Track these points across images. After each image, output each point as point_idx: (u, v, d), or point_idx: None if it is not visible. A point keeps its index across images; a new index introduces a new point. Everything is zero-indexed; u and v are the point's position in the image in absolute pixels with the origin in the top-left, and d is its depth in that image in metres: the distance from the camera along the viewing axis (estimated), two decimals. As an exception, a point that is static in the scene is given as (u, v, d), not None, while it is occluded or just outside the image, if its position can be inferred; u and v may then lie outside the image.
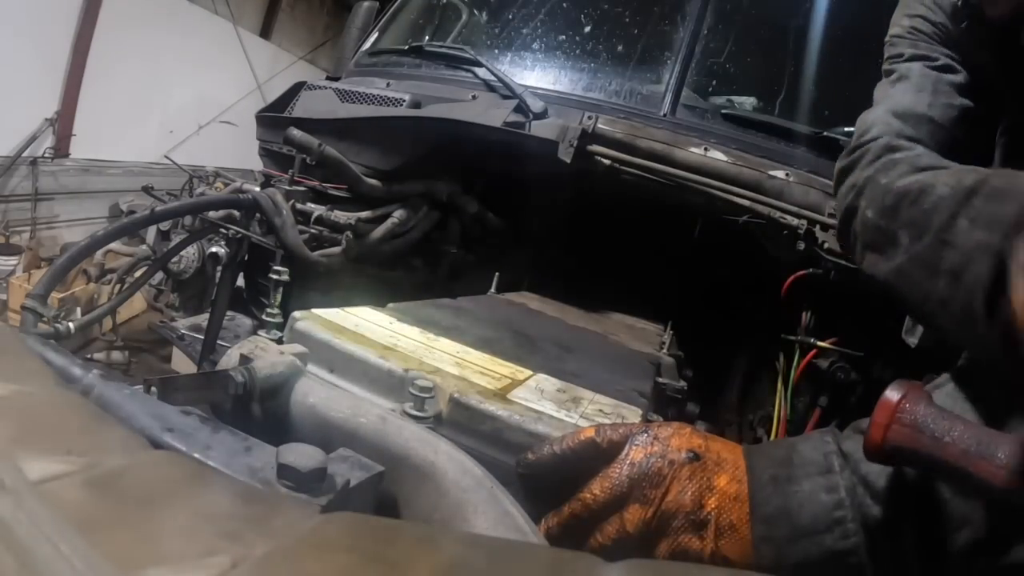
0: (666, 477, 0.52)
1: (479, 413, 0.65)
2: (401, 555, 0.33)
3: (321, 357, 0.73)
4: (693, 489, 0.52)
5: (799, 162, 1.49)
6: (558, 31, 1.89)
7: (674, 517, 0.52)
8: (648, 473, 0.53)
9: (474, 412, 0.65)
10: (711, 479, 0.52)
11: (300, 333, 0.76)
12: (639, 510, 0.52)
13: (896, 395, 0.48)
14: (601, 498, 0.54)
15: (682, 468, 0.52)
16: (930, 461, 0.45)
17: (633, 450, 0.54)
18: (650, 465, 0.53)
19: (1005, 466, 0.42)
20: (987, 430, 0.46)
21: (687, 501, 0.52)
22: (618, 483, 0.54)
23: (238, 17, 7.21)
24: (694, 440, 0.54)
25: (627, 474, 0.53)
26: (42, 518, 0.29)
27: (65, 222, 5.59)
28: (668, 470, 0.52)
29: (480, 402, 0.66)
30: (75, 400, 0.45)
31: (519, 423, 0.64)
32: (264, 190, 1.53)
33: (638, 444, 0.54)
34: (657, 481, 0.52)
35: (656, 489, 0.52)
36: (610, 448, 0.55)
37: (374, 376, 0.71)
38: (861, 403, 1.73)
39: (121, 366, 4.24)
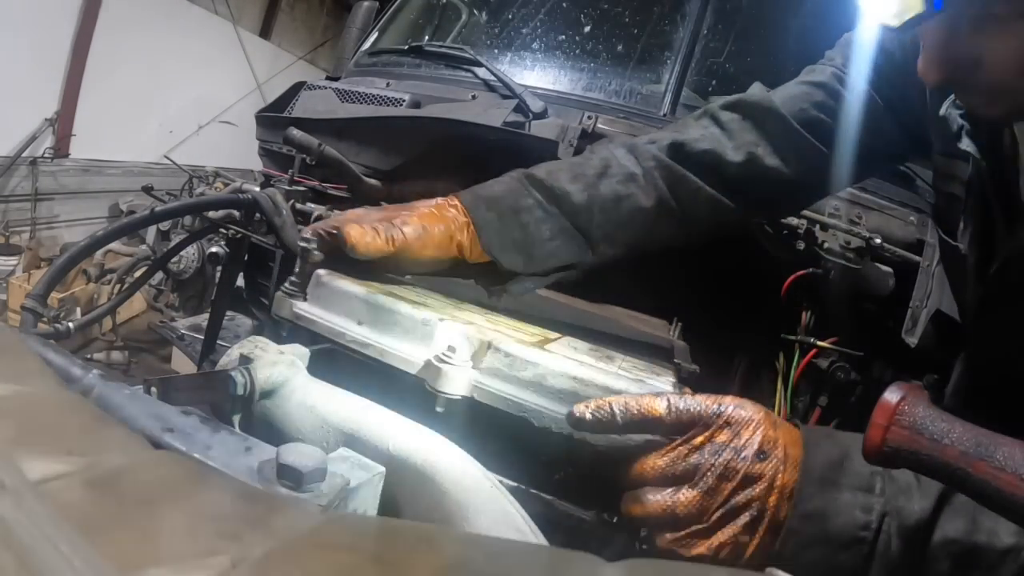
0: (736, 472, 0.52)
1: (519, 360, 0.63)
2: (401, 555, 0.33)
3: (349, 309, 0.71)
4: (761, 488, 0.52)
5: (799, 162, 1.49)
6: (558, 31, 1.89)
7: (737, 512, 0.52)
8: (715, 464, 0.52)
9: (515, 359, 0.64)
10: (775, 478, 0.52)
11: (326, 286, 0.75)
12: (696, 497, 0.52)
13: (895, 397, 0.48)
14: (659, 472, 0.54)
15: (753, 465, 0.52)
16: (929, 463, 0.45)
17: (705, 435, 0.53)
18: (720, 456, 0.52)
19: (1003, 467, 0.42)
20: (986, 432, 0.46)
21: (754, 496, 0.51)
22: (684, 467, 0.53)
23: (238, 17, 7.21)
24: (767, 433, 0.53)
25: (695, 461, 0.53)
26: (42, 518, 0.29)
27: (65, 222, 5.59)
28: (738, 464, 0.52)
29: (520, 349, 0.64)
30: (75, 400, 0.45)
31: (562, 368, 0.62)
32: (264, 190, 1.53)
33: (710, 428, 0.53)
34: (725, 475, 0.52)
35: (725, 482, 0.52)
36: (675, 424, 0.54)
37: (407, 326, 0.69)
38: (861, 403, 1.73)
39: (121, 366, 4.24)
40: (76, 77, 5.39)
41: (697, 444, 0.53)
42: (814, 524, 0.51)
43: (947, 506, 0.51)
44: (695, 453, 0.53)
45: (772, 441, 0.53)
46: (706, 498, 0.52)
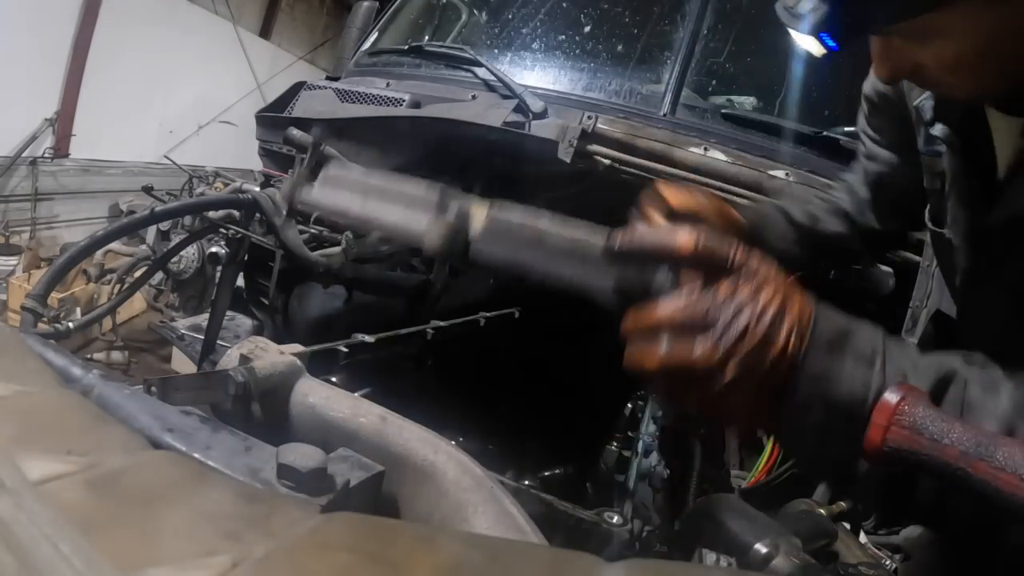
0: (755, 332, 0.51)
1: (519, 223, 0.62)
2: (401, 555, 0.33)
3: (353, 188, 0.71)
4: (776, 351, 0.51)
5: (799, 162, 1.49)
6: (558, 31, 1.89)
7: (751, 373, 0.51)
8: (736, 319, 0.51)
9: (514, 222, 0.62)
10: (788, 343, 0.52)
11: (334, 175, 0.75)
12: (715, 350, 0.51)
13: (895, 397, 0.48)
14: (678, 317, 0.52)
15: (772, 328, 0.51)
16: (929, 463, 0.46)
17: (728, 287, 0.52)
18: (742, 313, 0.51)
19: (1003, 467, 0.42)
20: (986, 432, 0.46)
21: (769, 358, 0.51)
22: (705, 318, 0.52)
23: (238, 17, 7.21)
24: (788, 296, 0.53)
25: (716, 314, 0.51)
26: (42, 518, 0.29)
27: (65, 222, 5.59)
28: (758, 325, 0.51)
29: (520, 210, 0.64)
30: (75, 400, 0.45)
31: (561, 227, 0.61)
32: (264, 190, 1.53)
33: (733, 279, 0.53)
34: (744, 333, 0.51)
35: (742, 341, 0.51)
36: (700, 260, 0.53)
37: (410, 198, 0.69)
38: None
39: (121, 366, 4.23)
40: (76, 77, 5.39)
41: (720, 296, 0.52)
42: (818, 386, 0.52)
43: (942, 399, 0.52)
44: (716, 304, 0.51)
45: (791, 305, 0.52)
46: (724, 353, 0.51)
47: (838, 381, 0.52)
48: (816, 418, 0.52)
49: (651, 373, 0.53)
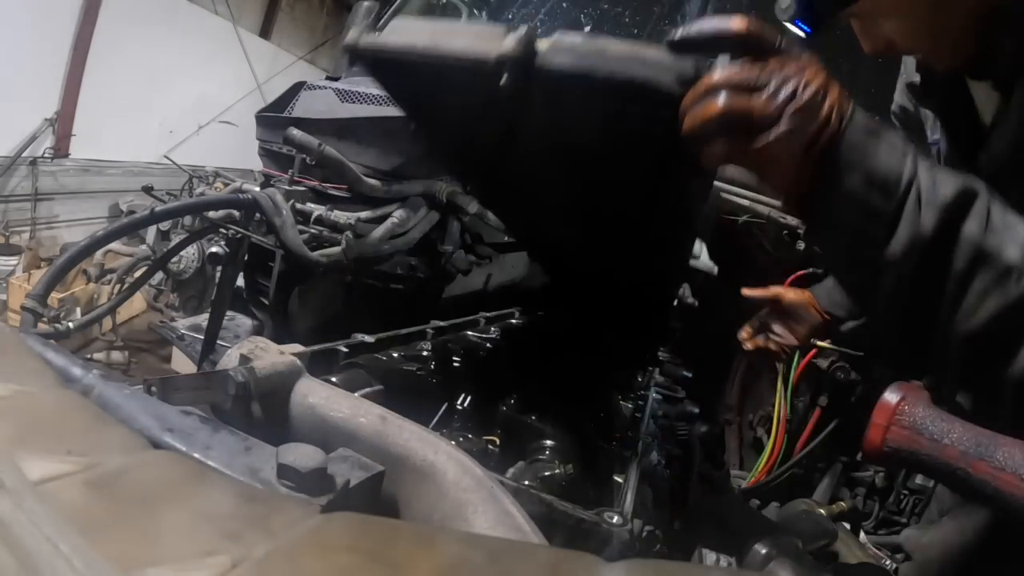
0: (801, 99, 0.56)
1: (581, 40, 0.63)
2: (401, 555, 0.33)
3: (419, 31, 0.72)
4: (820, 119, 0.57)
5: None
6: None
7: (798, 133, 0.56)
8: (784, 86, 0.57)
9: (576, 40, 0.64)
10: (831, 116, 0.57)
11: (398, 22, 0.76)
12: (770, 104, 0.56)
13: (895, 397, 0.48)
14: (735, 79, 0.57)
15: (814, 98, 0.56)
16: (929, 462, 0.46)
17: (777, 62, 0.57)
18: (789, 83, 0.57)
19: (1003, 467, 0.42)
20: (986, 432, 0.46)
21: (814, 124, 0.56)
22: (758, 80, 0.57)
23: (238, 17, 7.21)
24: (828, 81, 0.58)
25: (767, 79, 0.56)
26: (42, 518, 0.29)
27: (65, 222, 5.59)
28: (804, 94, 0.56)
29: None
30: (75, 400, 0.45)
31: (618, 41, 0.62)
32: (264, 190, 1.53)
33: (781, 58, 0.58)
34: (792, 98, 0.56)
35: (791, 104, 0.56)
36: (753, 41, 0.58)
37: (476, 32, 0.69)
38: (861, 403, 1.73)
39: (121, 366, 4.23)
40: (76, 77, 5.38)
41: (770, 68, 0.57)
42: (857, 153, 0.56)
43: (965, 205, 0.56)
44: (768, 74, 0.57)
45: (832, 88, 0.57)
46: (779, 105, 0.56)
47: (875, 155, 0.57)
48: (854, 185, 0.56)
49: (711, 123, 0.57)
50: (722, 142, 0.57)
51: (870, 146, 0.57)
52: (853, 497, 1.78)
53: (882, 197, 0.56)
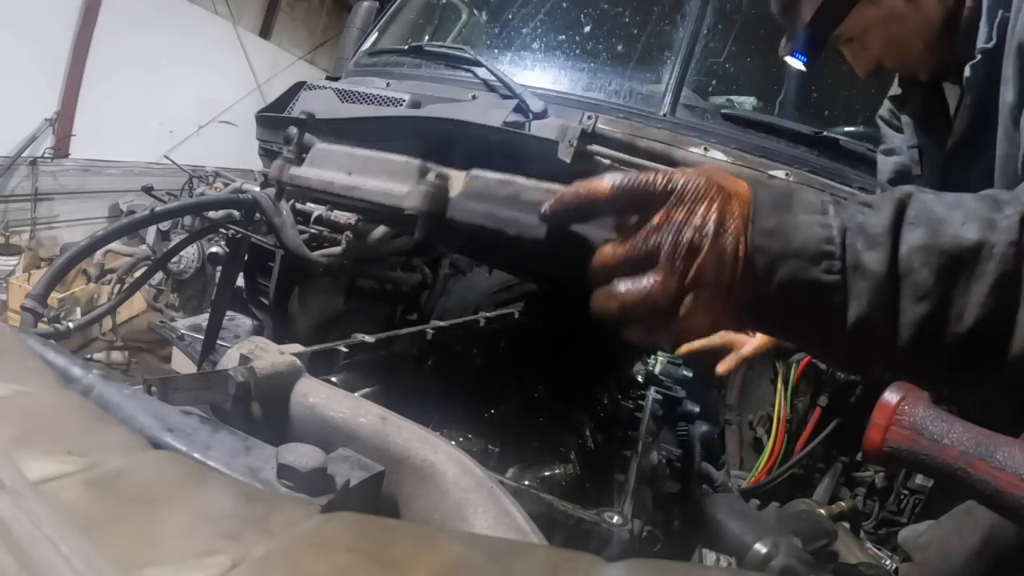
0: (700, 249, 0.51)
1: (496, 181, 0.64)
2: (401, 555, 0.33)
3: (338, 164, 0.73)
4: (729, 259, 0.51)
5: (799, 162, 1.49)
6: (558, 31, 1.89)
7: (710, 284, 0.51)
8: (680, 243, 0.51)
9: (490, 181, 0.64)
10: (737, 248, 0.52)
11: (321, 151, 0.78)
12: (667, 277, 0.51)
13: (895, 397, 0.48)
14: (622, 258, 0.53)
15: (716, 240, 0.51)
16: (929, 462, 0.46)
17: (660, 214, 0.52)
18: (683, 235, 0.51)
19: (1003, 467, 0.42)
20: (986, 432, 0.46)
21: (722, 270, 0.51)
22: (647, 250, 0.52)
23: (238, 17, 7.21)
24: (724, 205, 0.52)
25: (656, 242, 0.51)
26: (42, 518, 0.29)
27: (65, 222, 5.59)
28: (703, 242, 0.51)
29: (496, 173, 0.65)
30: (75, 400, 0.45)
31: (535, 183, 0.62)
32: (264, 190, 1.53)
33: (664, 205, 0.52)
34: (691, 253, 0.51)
35: (691, 260, 0.51)
36: (624, 201, 0.54)
37: (391, 168, 0.71)
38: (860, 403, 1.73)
39: (121, 366, 4.23)
40: (76, 77, 5.39)
41: (656, 224, 0.52)
42: (776, 239, 0.51)
43: (904, 219, 0.52)
44: (654, 234, 0.52)
45: (729, 212, 0.52)
46: (676, 280, 0.51)
47: (795, 231, 0.52)
48: (788, 271, 0.51)
49: (616, 319, 0.53)
50: (637, 328, 0.53)
51: (786, 223, 0.52)
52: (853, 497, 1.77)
53: (820, 269, 0.51)
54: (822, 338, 0.53)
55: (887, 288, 0.50)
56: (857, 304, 0.50)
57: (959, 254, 0.50)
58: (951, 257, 0.50)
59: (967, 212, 0.51)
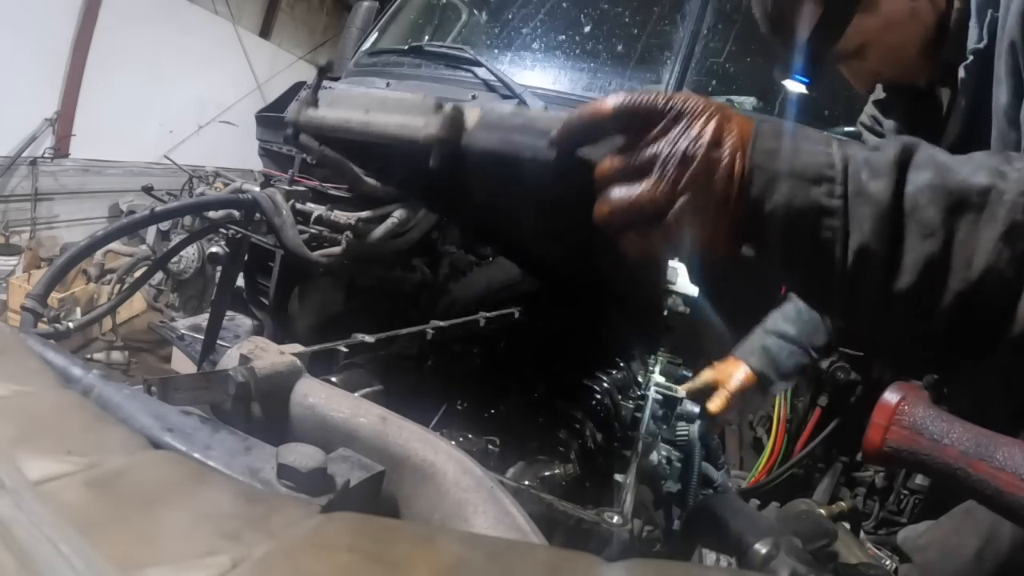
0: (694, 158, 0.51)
1: (509, 112, 0.65)
2: (401, 555, 0.33)
3: (355, 104, 0.74)
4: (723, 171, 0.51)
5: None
6: (558, 31, 1.89)
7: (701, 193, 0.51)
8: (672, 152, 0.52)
9: (503, 112, 0.65)
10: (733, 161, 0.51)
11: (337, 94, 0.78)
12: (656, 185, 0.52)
13: (895, 397, 0.48)
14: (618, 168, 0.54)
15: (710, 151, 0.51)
16: (929, 462, 0.46)
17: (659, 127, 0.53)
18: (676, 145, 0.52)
19: (1003, 467, 0.42)
20: (986, 432, 0.46)
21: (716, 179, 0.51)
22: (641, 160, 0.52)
23: (238, 17, 7.21)
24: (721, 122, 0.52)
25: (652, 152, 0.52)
26: (42, 518, 0.29)
27: (65, 222, 5.59)
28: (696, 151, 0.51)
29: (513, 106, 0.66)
30: (75, 400, 0.45)
31: (547, 113, 0.64)
32: (264, 190, 1.53)
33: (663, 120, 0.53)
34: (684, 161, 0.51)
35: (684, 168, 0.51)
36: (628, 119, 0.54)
37: (408, 106, 0.71)
38: (861, 403, 1.73)
39: (121, 366, 4.23)
40: (76, 77, 5.39)
41: (652, 137, 0.52)
42: (776, 159, 0.51)
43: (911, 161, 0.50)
44: (651, 146, 0.52)
45: (728, 129, 0.52)
46: (668, 186, 0.51)
47: (796, 154, 0.51)
48: (787, 191, 0.50)
49: (608, 226, 0.54)
50: (632, 235, 0.54)
51: (787, 147, 0.52)
52: (853, 497, 1.78)
53: (821, 190, 0.50)
54: (820, 271, 0.51)
55: (891, 219, 0.48)
56: (859, 231, 0.48)
57: (968, 196, 0.48)
58: (959, 199, 0.48)
59: (976, 163, 0.50)
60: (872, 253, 0.48)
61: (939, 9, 0.90)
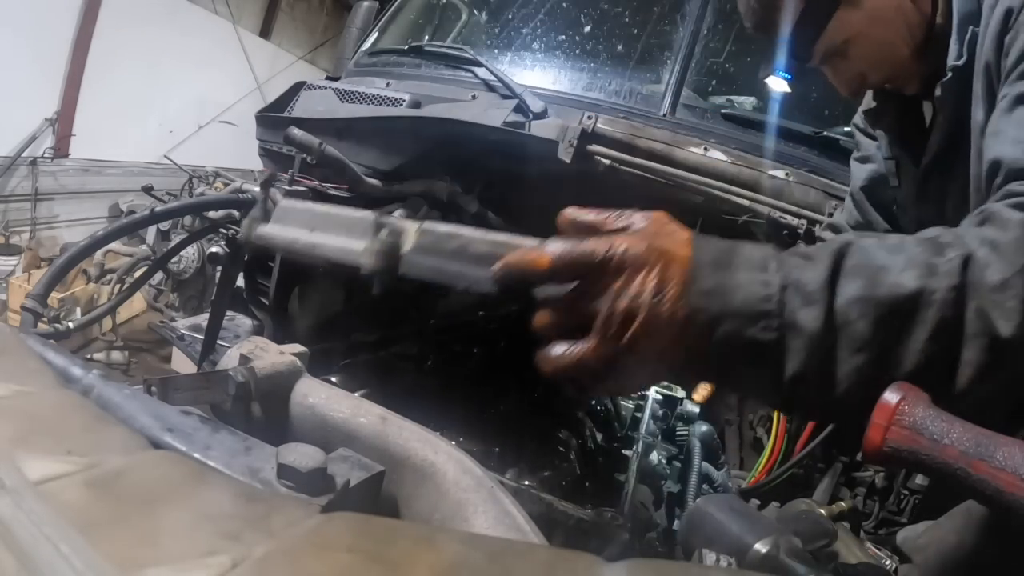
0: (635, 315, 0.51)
1: (445, 234, 0.65)
2: (401, 555, 0.33)
3: (302, 221, 0.75)
4: (663, 324, 0.51)
5: (799, 162, 1.49)
6: (558, 31, 1.89)
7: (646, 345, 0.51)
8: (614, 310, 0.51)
9: (440, 234, 0.65)
10: (675, 312, 0.51)
11: (284, 209, 0.79)
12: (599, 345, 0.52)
13: (895, 397, 0.48)
14: (557, 326, 0.54)
15: (654, 306, 0.51)
16: (929, 462, 0.46)
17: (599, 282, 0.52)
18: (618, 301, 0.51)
19: (1003, 467, 0.42)
20: (986, 432, 0.46)
21: (657, 333, 0.51)
22: (580, 318, 0.52)
23: (238, 17, 7.21)
24: (663, 273, 0.52)
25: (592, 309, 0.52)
26: (42, 518, 0.29)
27: (65, 222, 5.59)
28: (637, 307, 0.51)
29: (446, 226, 0.66)
30: (75, 400, 0.45)
31: (483, 235, 0.63)
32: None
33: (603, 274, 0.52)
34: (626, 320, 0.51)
35: (627, 326, 0.51)
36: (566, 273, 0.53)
37: (348, 223, 0.72)
38: (861, 403, 1.72)
39: (121, 366, 4.23)
40: (76, 77, 5.39)
41: (592, 292, 0.52)
42: (715, 299, 0.51)
43: (841, 271, 0.52)
44: (591, 301, 0.52)
45: (668, 277, 0.52)
46: (611, 344, 0.51)
47: (734, 290, 0.51)
48: (727, 331, 0.51)
49: (552, 378, 0.54)
50: (574, 384, 0.54)
51: (727, 282, 0.51)
52: (853, 497, 1.77)
53: (759, 328, 0.51)
54: (761, 391, 0.55)
55: (822, 344, 0.50)
56: (793, 361, 0.51)
57: (897, 303, 0.50)
58: (889, 307, 0.50)
59: (908, 258, 0.52)
60: (806, 378, 0.51)
61: (925, 14, 0.89)
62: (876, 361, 0.50)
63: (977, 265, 0.51)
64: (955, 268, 0.50)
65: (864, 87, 0.98)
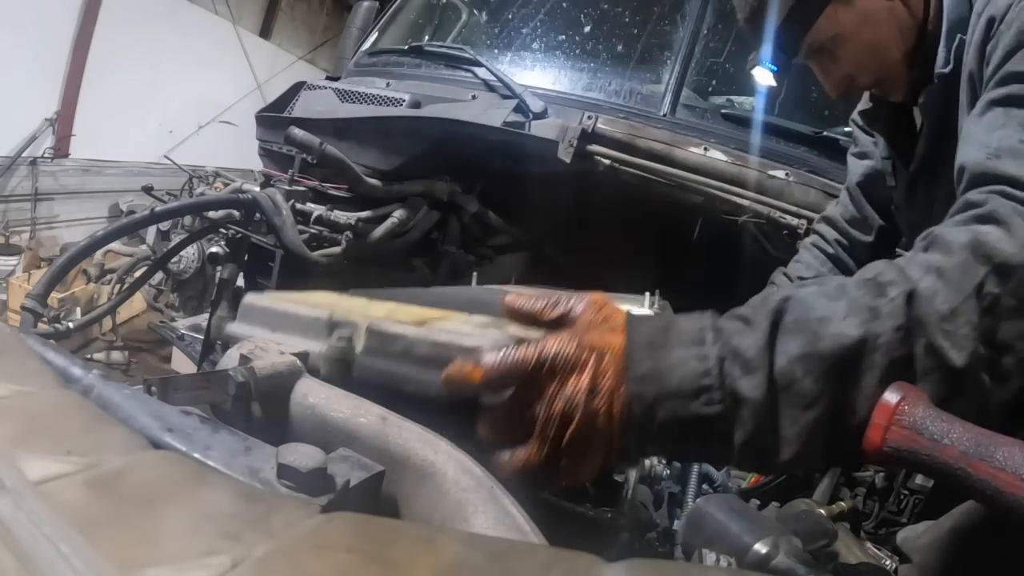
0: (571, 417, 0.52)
1: (390, 336, 0.65)
2: (401, 555, 0.33)
3: (264, 321, 0.76)
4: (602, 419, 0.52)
5: (799, 162, 1.49)
6: (558, 31, 1.89)
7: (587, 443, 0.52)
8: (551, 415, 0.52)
9: (385, 336, 0.66)
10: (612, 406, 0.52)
11: (247, 306, 0.79)
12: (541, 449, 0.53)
13: (895, 397, 0.48)
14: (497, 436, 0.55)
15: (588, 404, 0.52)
16: (929, 462, 0.46)
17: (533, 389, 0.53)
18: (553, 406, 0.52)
19: (1003, 467, 0.42)
20: (986, 432, 0.46)
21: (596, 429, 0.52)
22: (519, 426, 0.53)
23: (238, 17, 7.21)
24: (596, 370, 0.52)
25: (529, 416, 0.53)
26: (42, 518, 0.29)
27: (65, 222, 5.59)
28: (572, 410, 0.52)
29: (391, 326, 0.66)
30: (75, 400, 0.45)
31: (425, 336, 0.64)
32: (264, 190, 1.53)
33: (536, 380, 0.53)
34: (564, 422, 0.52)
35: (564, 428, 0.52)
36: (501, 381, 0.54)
37: (304, 324, 0.72)
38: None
39: (121, 366, 4.23)
40: (76, 77, 5.39)
41: (528, 400, 0.53)
42: (651, 383, 0.51)
43: (779, 331, 0.51)
44: (528, 409, 0.53)
45: (601, 372, 0.52)
46: (551, 447, 0.52)
47: (671, 371, 0.51)
48: (669, 411, 0.51)
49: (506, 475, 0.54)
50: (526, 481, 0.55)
51: (663, 363, 0.51)
52: (853, 497, 1.77)
53: (701, 403, 0.50)
54: (717, 459, 0.58)
55: (769, 408, 0.50)
56: (742, 430, 0.50)
57: (841, 354, 0.50)
58: (834, 359, 0.50)
59: (849, 303, 0.51)
60: (757, 443, 0.51)
61: (917, 19, 0.88)
62: (829, 414, 0.50)
63: (923, 298, 0.50)
64: (899, 307, 0.50)
65: (852, 89, 0.97)
